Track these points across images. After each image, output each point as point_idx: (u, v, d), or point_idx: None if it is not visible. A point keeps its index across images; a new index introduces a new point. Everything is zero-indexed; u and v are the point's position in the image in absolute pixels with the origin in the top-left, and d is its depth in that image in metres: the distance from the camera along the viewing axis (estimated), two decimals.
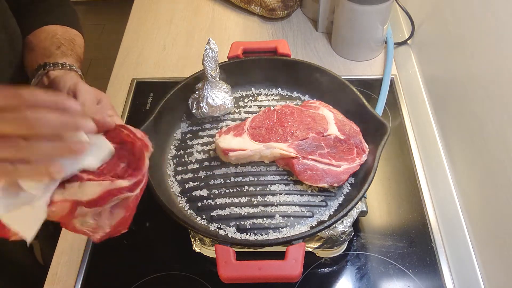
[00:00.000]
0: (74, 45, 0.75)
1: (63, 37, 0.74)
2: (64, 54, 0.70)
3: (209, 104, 0.75)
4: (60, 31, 0.75)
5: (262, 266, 0.58)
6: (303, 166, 0.67)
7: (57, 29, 0.75)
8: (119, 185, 0.46)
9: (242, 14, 1.17)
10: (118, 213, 0.47)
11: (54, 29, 0.75)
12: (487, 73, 0.68)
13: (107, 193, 0.45)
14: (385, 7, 0.92)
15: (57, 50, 0.70)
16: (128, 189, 0.46)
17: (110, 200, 0.46)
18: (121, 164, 0.48)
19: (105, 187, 0.45)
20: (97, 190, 0.45)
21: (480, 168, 0.69)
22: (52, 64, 0.66)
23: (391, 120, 0.92)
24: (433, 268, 0.72)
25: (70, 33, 0.76)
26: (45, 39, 0.72)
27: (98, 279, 0.73)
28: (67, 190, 0.45)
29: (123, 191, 0.46)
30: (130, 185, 0.47)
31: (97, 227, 0.47)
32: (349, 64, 1.03)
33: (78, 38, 0.78)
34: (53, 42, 0.72)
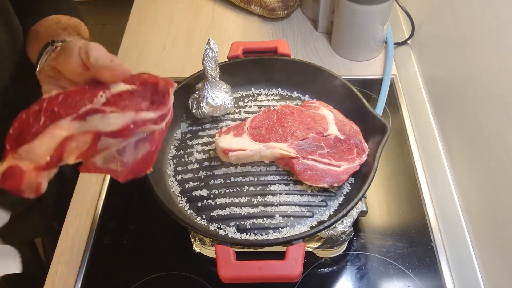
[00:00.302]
0: (79, 29, 0.74)
1: (67, 23, 0.73)
2: (71, 34, 0.69)
3: (209, 104, 0.75)
4: (64, 18, 0.75)
5: (262, 266, 0.58)
6: (303, 166, 0.67)
7: (60, 17, 0.75)
8: (144, 116, 0.44)
9: (242, 14, 1.17)
10: (143, 147, 0.46)
11: (57, 17, 0.75)
12: (487, 73, 0.68)
13: (132, 123, 0.43)
14: (385, 7, 0.92)
15: (63, 31, 0.70)
16: (153, 121, 0.45)
17: (135, 132, 0.44)
18: (144, 102, 0.46)
19: (130, 117, 0.44)
20: (121, 121, 0.43)
21: (480, 168, 0.69)
22: (61, 41, 0.64)
23: (391, 120, 0.92)
24: (433, 268, 0.72)
25: (74, 21, 0.76)
26: (49, 25, 0.72)
27: (98, 279, 0.73)
28: (88, 122, 0.43)
29: (147, 123, 0.44)
30: (155, 118, 0.45)
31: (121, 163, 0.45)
32: (349, 64, 1.03)
33: (83, 25, 0.78)
34: (59, 26, 0.71)
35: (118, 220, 0.79)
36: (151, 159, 0.46)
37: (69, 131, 0.42)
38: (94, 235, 0.77)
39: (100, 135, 0.43)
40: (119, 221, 0.79)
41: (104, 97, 0.45)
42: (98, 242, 0.76)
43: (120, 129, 0.43)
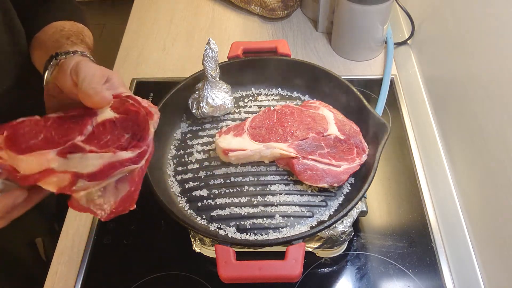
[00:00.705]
0: (83, 36, 0.74)
1: (71, 29, 0.74)
2: (74, 43, 0.70)
3: (209, 104, 0.75)
4: (68, 24, 0.75)
5: (262, 266, 0.58)
6: (303, 166, 0.67)
7: (64, 24, 0.75)
8: (121, 157, 0.44)
9: (242, 14, 1.17)
10: (123, 188, 0.46)
11: (61, 23, 0.75)
12: (487, 73, 0.68)
13: (109, 166, 0.44)
14: (385, 7, 0.92)
15: (66, 40, 0.70)
16: (131, 161, 0.45)
17: (113, 174, 0.44)
18: (125, 135, 0.46)
19: (107, 159, 0.44)
20: (98, 163, 0.44)
21: (480, 168, 0.69)
22: (64, 53, 0.65)
23: (391, 120, 0.92)
24: (433, 268, 0.72)
25: (77, 26, 0.76)
26: (53, 33, 0.72)
27: (98, 279, 0.73)
28: (69, 161, 0.43)
29: (126, 163, 0.44)
30: (133, 157, 0.45)
31: (102, 204, 0.45)
32: (349, 64, 1.03)
33: (86, 31, 0.78)
34: (62, 35, 0.71)
35: (118, 220, 0.78)
36: (132, 198, 0.47)
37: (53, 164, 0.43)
38: (94, 235, 0.77)
39: (78, 177, 0.43)
40: (119, 221, 0.78)
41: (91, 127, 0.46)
42: (98, 242, 0.76)
43: (97, 172, 0.44)
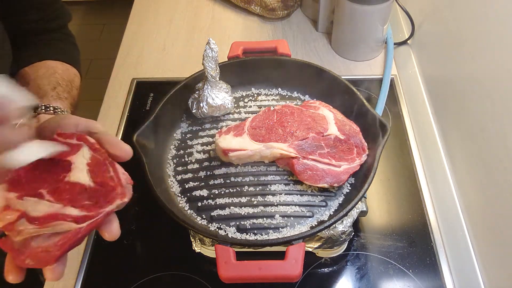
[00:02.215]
0: (72, 87, 0.73)
1: (62, 77, 0.72)
2: (58, 96, 0.68)
3: (209, 104, 0.75)
4: (60, 69, 0.73)
5: (262, 266, 0.58)
6: (303, 166, 0.67)
7: (57, 66, 0.73)
8: (68, 211, 0.44)
9: (242, 14, 1.17)
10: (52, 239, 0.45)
11: (54, 65, 0.73)
12: (487, 73, 0.68)
13: (53, 215, 0.44)
14: (385, 7, 0.92)
15: (52, 91, 0.68)
16: (74, 219, 0.44)
17: (53, 224, 0.44)
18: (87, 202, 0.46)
19: (55, 209, 0.44)
20: (45, 210, 0.44)
21: (480, 168, 0.69)
22: (44, 107, 0.64)
23: (391, 120, 0.92)
24: (433, 268, 0.72)
25: (70, 73, 0.75)
26: (42, 75, 0.70)
27: (98, 279, 0.73)
28: (24, 203, 0.44)
29: (67, 218, 0.44)
30: (78, 216, 0.45)
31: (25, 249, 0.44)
32: (349, 64, 1.03)
33: (77, 79, 0.77)
34: (50, 81, 0.70)
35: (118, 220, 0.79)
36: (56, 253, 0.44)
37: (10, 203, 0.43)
38: (94, 235, 0.77)
39: (23, 216, 0.43)
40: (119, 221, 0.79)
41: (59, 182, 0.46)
42: (98, 242, 0.76)
43: (40, 216, 0.43)
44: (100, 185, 0.47)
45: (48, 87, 0.69)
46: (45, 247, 0.44)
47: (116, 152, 0.49)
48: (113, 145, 0.49)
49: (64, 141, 0.48)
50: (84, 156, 0.48)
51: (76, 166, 0.47)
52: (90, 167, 0.48)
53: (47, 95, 0.67)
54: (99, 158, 0.49)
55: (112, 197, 0.47)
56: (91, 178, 0.47)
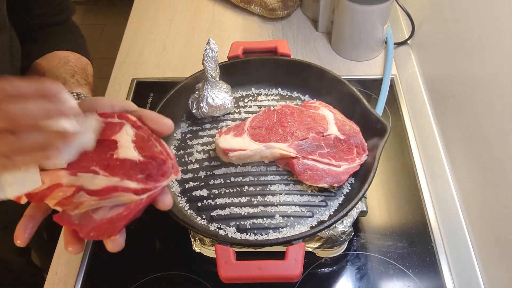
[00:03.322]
0: (87, 75, 0.73)
1: (76, 65, 0.72)
2: (79, 83, 0.68)
3: (209, 104, 0.75)
4: (73, 58, 0.74)
5: (262, 266, 0.58)
6: (303, 166, 0.67)
7: (69, 56, 0.74)
8: (126, 184, 0.45)
9: (242, 14, 1.17)
10: (115, 211, 0.46)
11: (66, 55, 0.74)
12: (487, 73, 0.68)
13: (112, 188, 0.44)
14: (385, 7, 0.92)
15: (71, 78, 0.68)
16: (134, 190, 0.45)
17: (113, 195, 0.44)
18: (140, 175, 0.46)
19: (112, 182, 0.44)
20: (103, 183, 0.44)
21: (480, 168, 0.69)
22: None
23: (391, 120, 0.92)
24: (433, 268, 0.72)
25: (82, 61, 0.75)
26: (57, 65, 0.71)
27: (98, 279, 0.73)
28: (79, 178, 0.44)
29: (128, 190, 0.45)
30: (137, 189, 0.45)
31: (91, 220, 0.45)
32: (349, 64, 1.03)
33: (90, 67, 0.77)
34: (66, 70, 0.70)
35: None
36: (119, 224, 0.45)
37: (63, 180, 0.43)
38: None
39: (80, 190, 0.44)
40: None
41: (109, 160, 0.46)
42: (98, 242, 0.76)
43: (100, 190, 0.44)
44: (150, 158, 0.47)
45: (66, 75, 0.69)
46: (110, 219, 0.45)
47: (158, 127, 0.48)
48: (154, 121, 0.48)
49: (106, 120, 0.47)
50: (128, 133, 0.47)
51: (122, 144, 0.46)
52: (136, 143, 0.47)
53: (67, 82, 0.67)
54: (143, 135, 0.48)
55: (165, 170, 0.47)
56: (139, 153, 0.47)
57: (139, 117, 0.49)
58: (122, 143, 0.46)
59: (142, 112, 0.49)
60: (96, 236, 0.45)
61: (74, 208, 0.44)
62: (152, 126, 0.49)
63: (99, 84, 0.99)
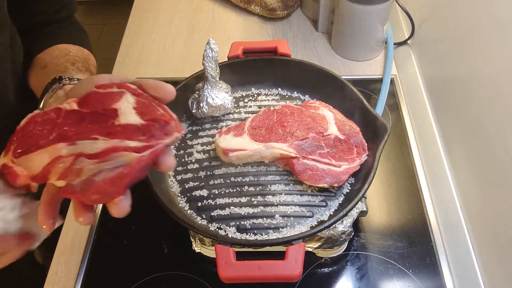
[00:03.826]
0: (88, 64, 0.73)
1: (77, 55, 0.72)
2: (79, 70, 0.68)
3: (209, 104, 0.75)
4: (74, 49, 0.74)
5: (262, 266, 0.58)
6: (303, 166, 0.67)
7: (70, 48, 0.74)
8: (127, 144, 0.44)
9: (242, 14, 1.17)
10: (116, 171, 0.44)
11: (67, 47, 0.74)
12: (487, 73, 0.68)
13: (112, 149, 0.43)
14: (385, 7, 0.92)
15: (72, 66, 0.68)
16: (134, 149, 0.44)
17: (113, 156, 0.43)
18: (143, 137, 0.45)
19: (113, 143, 0.44)
20: (103, 146, 0.43)
21: (480, 168, 0.69)
22: (68, 79, 0.64)
23: (391, 120, 0.92)
24: (433, 268, 0.72)
25: (83, 52, 0.75)
26: (58, 56, 0.71)
27: (98, 279, 0.73)
28: (78, 147, 0.43)
29: (128, 149, 0.44)
30: (138, 146, 0.44)
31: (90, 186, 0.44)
32: (349, 64, 1.03)
33: (92, 58, 0.77)
34: (67, 60, 0.70)
35: (118, 220, 0.78)
36: (122, 183, 0.44)
37: (61, 152, 0.43)
38: (94, 235, 0.77)
39: (79, 157, 0.43)
40: (119, 221, 0.78)
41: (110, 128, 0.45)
42: (98, 242, 0.76)
43: (99, 152, 0.43)
44: (153, 121, 0.46)
45: (67, 64, 0.69)
46: (111, 178, 0.44)
47: (159, 94, 0.48)
48: (154, 87, 0.48)
49: (105, 91, 0.47)
50: (129, 101, 0.47)
51: (123, 111, 0.46)
52: (138, 109, 0.46)
53: (67, 69, 0.67)
54: (144, 101, 0.47)
55: (168, 130, 0.46)
56: (141, 118, 0.46)
57: (139, 85, 0.48)
58: (123, 110, 0.46)
59: (142, 81, 0.49)
60: (100, 199, 0.44)
61: (75, 177, 0.43)
62: (153, 93, 0.48)
63: None
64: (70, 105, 0.46)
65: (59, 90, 0.63)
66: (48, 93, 0.62)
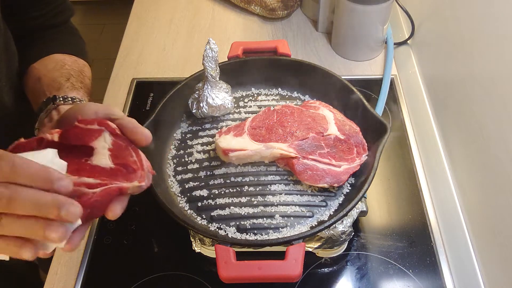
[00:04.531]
0: (84, 76, 0.73)
1: (72, 68, 0.72)
2: (74, 87, 0.68)
3: (209, 104, 0.75)
4: (69, 61, 0.74)
5: (262, 266, 0.58)
6: (303, 166, 0.67)
7: (65, 59, 0.74)
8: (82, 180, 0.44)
9: (242, 14, 1.17)
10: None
11: (62, 58, 0.73)
12: (487, 73, 0.68)
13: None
14: (385, 7, 0.92)
15: (66, 82, 0.68)
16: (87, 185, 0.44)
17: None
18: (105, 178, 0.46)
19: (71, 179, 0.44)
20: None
21: (480, 168, 0.69)
22: (62, 98, 0.65)
23: (391, 120, 0.92)
24: (433, 268, 0.72)
25: (79, 64, 0.75)
26: (53, 69, 0.71)
27: (98, 279, 0.73)
28: None
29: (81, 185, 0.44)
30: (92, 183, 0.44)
31: None
32: (349, 64, 1.03)
33: (87, 69, 0.77)
34: (62, 74, 0.70)
35: (118, 220, 0.78)
36: None
37: None
38: (94, 235, 0.77)
39: None
40: (119, 221, 0.78)
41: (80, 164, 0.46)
42: (98, 242, 0.76)
43: None
44: (121, 166, 0.47)
45: (61, 79, 0.69)
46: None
47: (136, 137, 0.49)
48: (131, 130, 0.49)
49: (85, 127, 0.48)
50: (106, 141, 0.48)
51: (98, 151, 0.47)
52: (112, 152, 0.47)
53: (62, 87, 0.67)
54: (121, 144, 0.48)
55: (132, 177, 0.47)
56: (112, 161, 0.47)
57: (119, 125, 0.49)
58: (98, 150, 0.47)
59: (123, 120, 0.49)
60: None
61: None
62: (130, 136, 0.49)
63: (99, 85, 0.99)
64: (52, 136, 0.47)
65: (54, 111, 0.64)
66: (43, 113, 0.64)
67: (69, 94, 0.66)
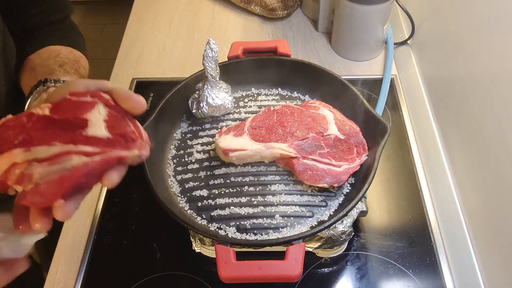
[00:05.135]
0: (78, 66, 0.72)
1: (67, 57, 0.71)
2: (66, 72, 0.67)
3: (209, 104, 0.75)
4: (65, 51, 0.73)
5: (262, 266, 0.58)
6: (303, 166, 0.67)
7: (61, 49, 0.73)
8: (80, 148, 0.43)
9: (242, 14, 1.17)
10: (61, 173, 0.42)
11: (57, 48, 0.73)
12: (487, 73, 0.68)
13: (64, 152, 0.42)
14: (385, 7, 0.92)
15: (59, 68, 0.67)
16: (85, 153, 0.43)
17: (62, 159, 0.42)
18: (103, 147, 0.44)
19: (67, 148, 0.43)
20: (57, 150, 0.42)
21: (480, 168, 0.69)
22: (54, 81, 0.63)
23: (391, 120, 0.92)
24: (433, 268, 0.72)
25: (75, 54, 0.74)
26: (47, 58, 0.70)
27: (98, 279, 0.73)
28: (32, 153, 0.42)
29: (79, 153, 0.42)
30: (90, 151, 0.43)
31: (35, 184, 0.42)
32: (349, 64, 1.03)
33: (84, 60, 0.76)
34: (56, 61, 0.69)
35: (118, 220, 0.79)
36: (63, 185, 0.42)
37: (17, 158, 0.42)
38: (94, 235, 0.77)
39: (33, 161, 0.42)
40: (119, 221, 0.79)
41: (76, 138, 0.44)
42: (98, 242, 0.76)
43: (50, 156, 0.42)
44: (120, 136, 0.45)
45: (54, 66, 0.68)
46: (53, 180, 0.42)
47: (129, 106, 0.47)
48: (125, 98, 0.47)
49: (78, 99, 0.46)
50: (101, 112, 0.46)
51: (93, 123, 0.45)
52: (108, 123, 0.46)
53: (54, 71, 0.66)
54: (116, 114, 0.47)
55: (130, 145, 0.46)
56: (109, 132, 0.45)
57: (112, 96, 0.47)
58: (93, 122, 0.45)
59: (115, 90, 0.48)
60: (41, 201, 0.41)
61: (28, 183, 0.42)
62: (123, 105, 0.47)
63: None
64: (42, 110, 0.45)
65: (43, 93, 0.62)
66: (33, 95, 0.62)
67: (61, 78, 0.64)
